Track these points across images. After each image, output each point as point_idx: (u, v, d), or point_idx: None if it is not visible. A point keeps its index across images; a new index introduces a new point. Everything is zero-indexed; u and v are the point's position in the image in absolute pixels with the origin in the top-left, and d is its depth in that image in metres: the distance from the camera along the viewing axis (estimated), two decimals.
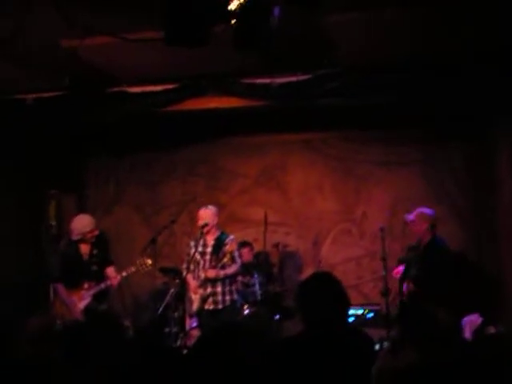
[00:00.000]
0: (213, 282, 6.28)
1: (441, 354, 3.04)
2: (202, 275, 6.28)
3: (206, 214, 6.35)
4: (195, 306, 6.29)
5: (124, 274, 6.12)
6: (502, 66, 5.87)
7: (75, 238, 6.12)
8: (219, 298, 6.31)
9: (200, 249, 6.36)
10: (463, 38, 5.68)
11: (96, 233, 6.15)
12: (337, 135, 8.05)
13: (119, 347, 2.88)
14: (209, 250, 6.36)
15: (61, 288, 6.12)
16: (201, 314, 6.32)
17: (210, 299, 6.28)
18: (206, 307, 6.29)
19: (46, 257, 7.31)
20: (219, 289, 6.31)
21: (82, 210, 8.13)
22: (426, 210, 6.04)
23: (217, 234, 6.41)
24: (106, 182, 8.85)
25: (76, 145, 8.30)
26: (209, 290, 6.29)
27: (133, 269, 6.14)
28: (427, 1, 5.05)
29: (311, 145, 8.16)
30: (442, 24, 5.40)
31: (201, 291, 6.26)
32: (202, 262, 6.36)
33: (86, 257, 6.17)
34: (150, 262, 6.17)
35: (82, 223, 6.15)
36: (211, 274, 6.24)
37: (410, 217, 6.02)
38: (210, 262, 6.29)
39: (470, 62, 5.97)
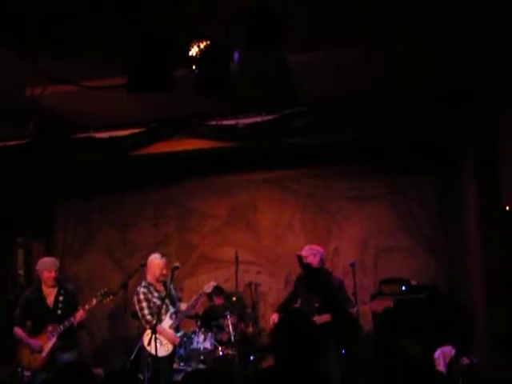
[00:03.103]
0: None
1: None
2: (171, 318, 6.23)
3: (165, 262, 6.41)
4: (167, 351, 6.20)
5: (87, 306, 6.10)
6: (462, 102, 6.05)
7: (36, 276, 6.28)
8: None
9: (163, 294, 6.26)
10: (424, 75, 5.83)
11: (52, 274, 6.15)
12: (305, 172, 8.10)
13: None
14: (164, 294, 6.26)
15: (18, 331, 6.11)
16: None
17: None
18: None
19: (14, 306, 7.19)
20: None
21: (51, 256, 7.99)
22: (316, 247, 6.57)
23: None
24: (76, 226, 8.75)
25: (43, 190, 8.20)
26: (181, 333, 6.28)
27: (94, 300, 6.14)
28: (388, 39, 5.20)
29: (280, 183, 8.20)
30: (403, 61, 5.55)
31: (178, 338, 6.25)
32: (164, 307, 6.27)
33: (50, 300, 6.17)
34: (110, 292, 6.18)
35: (42, 263, 6.31)
36: (183, 307, 6.39)
37: (303, 252, 6.46)
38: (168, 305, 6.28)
39: (433, 99, 6.12)
